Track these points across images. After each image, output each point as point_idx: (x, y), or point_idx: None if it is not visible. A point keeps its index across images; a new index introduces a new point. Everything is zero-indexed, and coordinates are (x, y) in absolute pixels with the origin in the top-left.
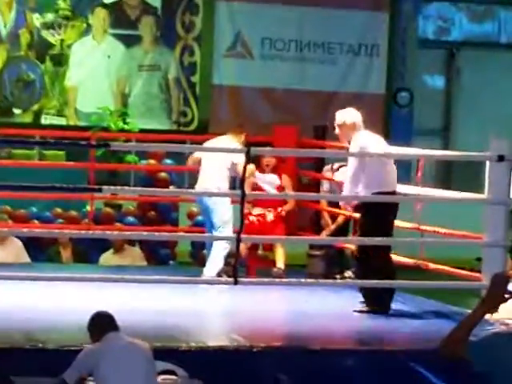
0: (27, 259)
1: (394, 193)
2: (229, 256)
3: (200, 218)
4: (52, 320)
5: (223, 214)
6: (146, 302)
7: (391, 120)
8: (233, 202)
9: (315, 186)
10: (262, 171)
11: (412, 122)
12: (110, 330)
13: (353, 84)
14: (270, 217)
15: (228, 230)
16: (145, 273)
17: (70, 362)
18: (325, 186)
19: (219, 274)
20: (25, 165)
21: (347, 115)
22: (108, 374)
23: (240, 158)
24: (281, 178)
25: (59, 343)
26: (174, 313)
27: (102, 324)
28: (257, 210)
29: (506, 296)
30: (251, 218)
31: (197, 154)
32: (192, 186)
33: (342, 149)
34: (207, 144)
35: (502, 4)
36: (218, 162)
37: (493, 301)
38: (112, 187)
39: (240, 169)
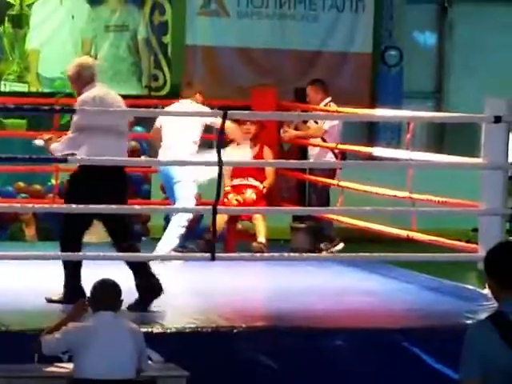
0: None
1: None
2: (205, 230)
3: None
4: (16, 302)
5: (186, 191)
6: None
7: (379, 81)
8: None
9: (297, 152)
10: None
11: (402, 82)
12: (107, 308)
13: (337, 43)
14: (250, 195)
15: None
16: (114, 250)
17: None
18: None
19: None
20: None
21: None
22: (89, 357)
23: (212, 119)
24: (262, 149)
25: (24, 326)
26: None
27: (99, 298)
28: (236, 181)
29: None
30: (230, 196)
31: (157, 124)
32: None
33: (325, 111)
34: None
35: None
36: (183, 129)
37: None
38: (78, 157)
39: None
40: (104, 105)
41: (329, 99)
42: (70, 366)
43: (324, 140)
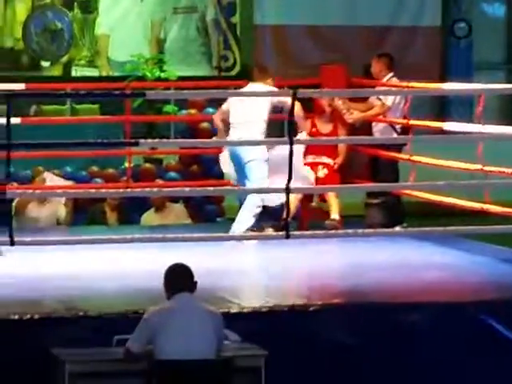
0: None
1: None
2: (279, 209)
3: None
4: (92, 286)
5: (259, 171)
6: (191, 263)
7: (449, 54)
8: None
9: (369, 128)
10: (317, 116)
11: (472, 55)
12: (183, 289)
13: (406, 17)
14: (324, 171)
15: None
16: (190, 231)
17: (114, 330)
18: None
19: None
20: (56, 121)
21: None
22: (168, 339)
23: (282, 100)
24: (337, 127)
25: (101, 310)
26: (222, 273)
27: (174, 281)
28: (309, 159)
29: None
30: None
31: (225, 107)
32: None
33: (395, 86)
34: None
35: None
36: (253, 111)
37: None
38: (149, 140)
39: (288, 105)
40: None
41: (391, 75)
42: (149, 347)
43: (385, 117)
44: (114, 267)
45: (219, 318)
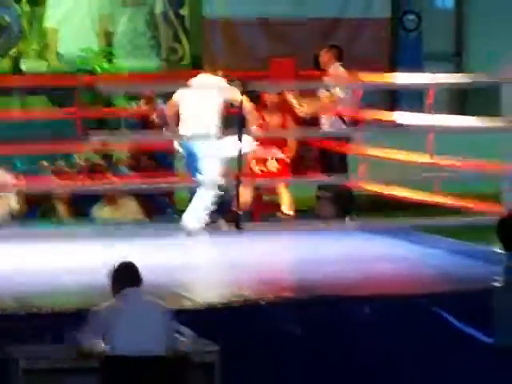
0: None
1: None
2: (229, 203)
3: None
4: (44, 282)
5: (212, 168)
6: (141, 258)
7: (399, 46)
8: None
9: (317, 120)
10: (264, 109)
11: (421, 47)
12: (129, 284)
13: (355, 9)
14: (274, 164)
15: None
16: (142, 226)
17: (67, 326)
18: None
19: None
20: (5, 116)
21: None
22: (119, 336)
23: (231, 95)
24: (285, 118)
25: (53, 307)
26: (174, 268)
27: (120, 277)
28: (259, 151)
29: None
30: (255, 168)
31: (175, 98)
32: None
33: (344, 77)
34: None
35: None
36: (204, 103)
37: None
38: (100, 133)
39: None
40: None
41: (338, 64)
42: (102, 344)
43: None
44: (65, 263)
45: (168, 311)
